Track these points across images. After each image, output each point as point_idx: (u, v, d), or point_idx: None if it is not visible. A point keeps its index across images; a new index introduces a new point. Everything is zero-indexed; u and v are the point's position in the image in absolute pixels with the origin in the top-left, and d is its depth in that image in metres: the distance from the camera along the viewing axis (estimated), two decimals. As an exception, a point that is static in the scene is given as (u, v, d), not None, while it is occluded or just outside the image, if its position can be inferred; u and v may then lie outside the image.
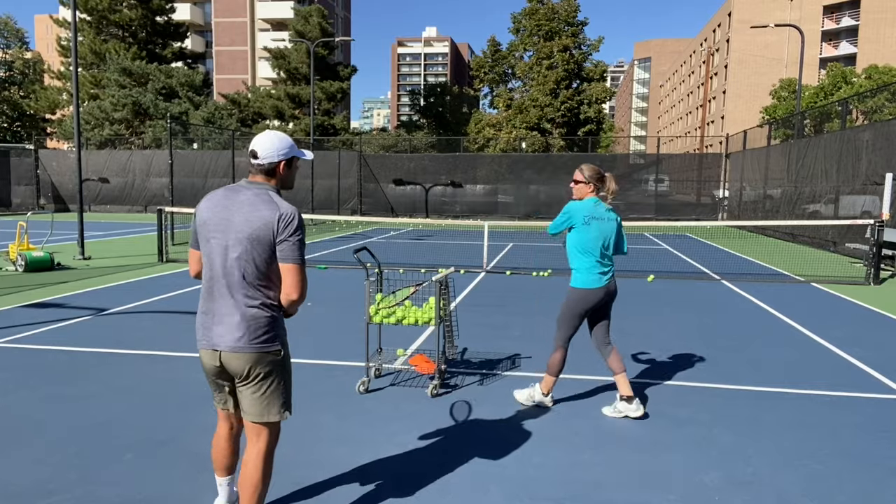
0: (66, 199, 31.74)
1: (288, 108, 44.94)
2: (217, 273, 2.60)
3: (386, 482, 3.48)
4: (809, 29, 53.72)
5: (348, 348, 6.18)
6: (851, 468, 3.74)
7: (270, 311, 2.63)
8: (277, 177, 2.67)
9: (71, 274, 10.85)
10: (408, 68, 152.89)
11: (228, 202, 2.60)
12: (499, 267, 12.50)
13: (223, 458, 2.94)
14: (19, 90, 45.23)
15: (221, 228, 2.57)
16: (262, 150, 2.62)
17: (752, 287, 10.46)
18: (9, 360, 5.71)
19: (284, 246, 2.53)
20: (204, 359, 2.70)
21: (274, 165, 2.64)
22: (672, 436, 4.20)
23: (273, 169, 2.65)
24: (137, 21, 41.74)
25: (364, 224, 24.24)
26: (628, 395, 4.43)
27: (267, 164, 2.63)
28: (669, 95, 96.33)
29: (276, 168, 2.65)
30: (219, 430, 2.94)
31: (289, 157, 2.68)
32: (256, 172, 2.66)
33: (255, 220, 2.53)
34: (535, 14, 41.66)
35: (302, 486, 3.42)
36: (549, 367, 4.51)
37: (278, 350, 2.67)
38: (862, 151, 14.96)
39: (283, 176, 2.69)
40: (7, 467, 3.58)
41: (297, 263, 2.56)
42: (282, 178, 2.69)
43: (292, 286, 2.57)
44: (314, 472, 3.57)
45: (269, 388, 2.67)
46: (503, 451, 3.90)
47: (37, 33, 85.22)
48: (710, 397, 4.96)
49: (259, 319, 2.60)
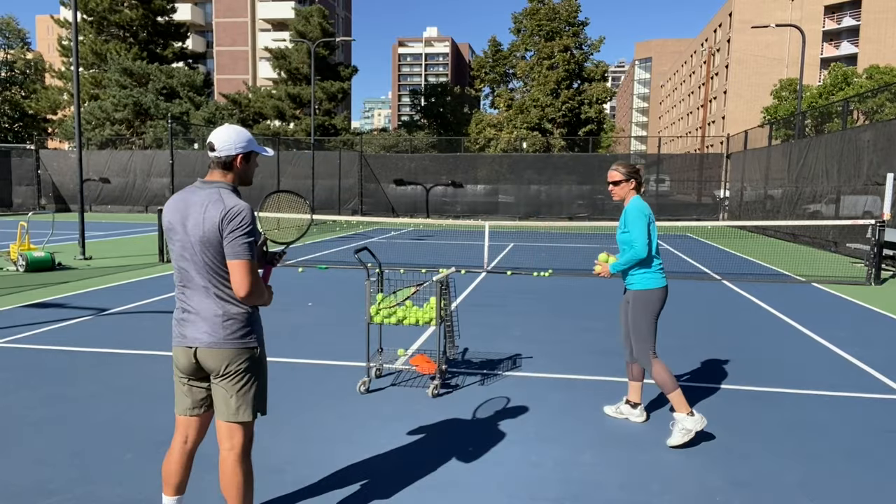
0: (67, 199, 31.75)
1: (289, 108, 44.95)
2: (186, 274, 2.61)
3: (386, 482, 3.47)
4: (810, 29, 53.67)
5: (349, 348, 6.18)
6: (852, 468, 3.74)
7: (244, 308, 2.62)
8: (234, 171, 2.63)
9: (72, 274, 10.86)
10: (409, 68, 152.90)
11: (184, 205, 2.59)
12: (499, 267, 12.50)
13: (174, 474, 2.80)
14: (21, 90, 45.29)
15: (180, 231, 2.57)
16: (220, 143, 2.58)
17: (753, 287, 10.46)
18: (10, 360, 5.71)
19: (228, 242, 2.50)
20: (178, 357, 2.67)
21: (231, 159, 2.60)
22: (672, 436, 4.19)
23: (230, 162, 2.61)
24: (138, 21, 41.76)
25: (365, 224, 24.24)
26: (637, 402, 4.39)
27: (224, 157, 2.59)
28: (670, 95, 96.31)
29: (232, 161, 2.61)
30: (174, 444, 2.81)
31: (246, 151, 2.63)
32: (214, 167, 2.63)
33: (205, 221, 2.51)
34: (536, 14, 41.67)
35: (303, 485, 3.42)
36: (667, 385, 3.98)
37: (255, 347, 2.66)
38: (863, 151, 14.95)
39: (240, 171, 2.64)
40: (8, 467, 3.58)
41: (241, 259, 2.50)
42: (239, 173, 2.65)
43: (238, 284, 2.51)
44: (315, 472, 3.57)
45: (244, 386, 2.65)
46: (504, 451, 3.90)
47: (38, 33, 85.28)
48: (710, 397, 4.96)
49: (233, 316, 2.59)
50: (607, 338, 6.89)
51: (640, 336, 4.07)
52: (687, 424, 3.89)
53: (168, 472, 2.80)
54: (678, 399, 3.95)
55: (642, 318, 4.05)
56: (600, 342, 6.70)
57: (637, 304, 4.07)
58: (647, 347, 4.05)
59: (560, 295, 9.64)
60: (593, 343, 6.66)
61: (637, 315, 4.07)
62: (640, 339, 4.07)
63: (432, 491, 3.39)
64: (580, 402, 4.83)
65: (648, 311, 4.05)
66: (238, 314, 2.60)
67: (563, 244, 18.11)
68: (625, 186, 4.13)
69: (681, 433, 3.88)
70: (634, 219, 3.98)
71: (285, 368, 5.55)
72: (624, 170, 4.13)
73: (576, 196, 30.29)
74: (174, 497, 2.84)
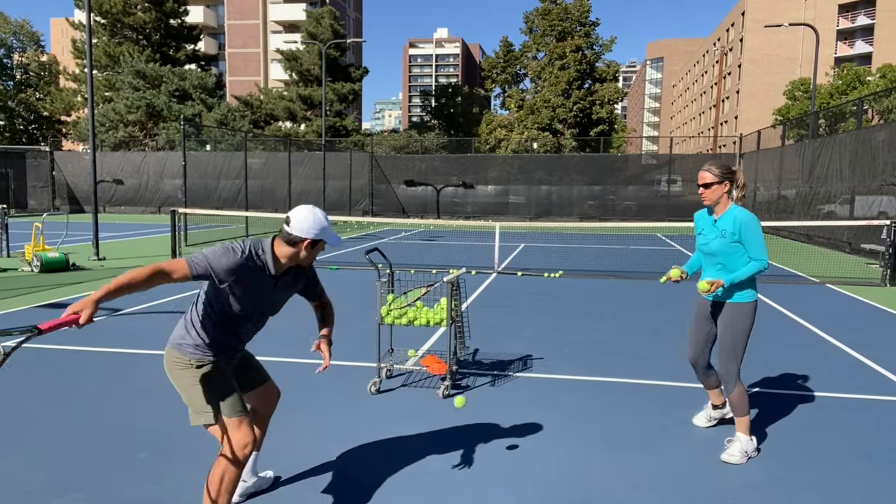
0: (81, 200, 32.04)
1: (300, 109, 45.15)
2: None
3: (396, 482, 3.48)
4: (824, 28, 53.22)
5: (360, 349, 6.19)
6: (866, 470, 3.70)
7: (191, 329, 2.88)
8: (297, 250, 2.78)
9: (86, 274, 10.95)
10: (419, 69, 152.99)
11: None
12: (510, 268, 12.49)
13: None
14: (35, 92, 45.78)
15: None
16: (295, 222, 2.74)
17: (767, 288, 10.38)
18: (24, 359, 5.77)
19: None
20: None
21: (298, 240, 2.75)
22: (684, 437, 4.17)
23: (297, 242, 2.75)
24: (151, 24, 42.11)
25: (375, 225, 24.28)
26: (721, 402, 4.30)
27: (294, 237, 2.74)
28: (682, 95, 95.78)
29: (299, 243, 2.76)
30: None
31: (315, 239, 2.77)
32: (282, 238, 2.78)
33: None
34: (549, 14, 41.60)
35: (313, 484, 3.43)
36: (744, 407, 3.84)
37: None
38: (878, 152, 14.81)
39: (300, 252, 2.79)
40: (22, 466, 3.62)
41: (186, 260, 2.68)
42: (298, 254, 2.79)
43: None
44: (325, 471, 3.58)
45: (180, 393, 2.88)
46: (514, 452, 3.89)
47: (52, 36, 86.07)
48: (723, 399, 4.92)
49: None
50: (618, 339, 6.87)
51: (735, 352, 3.81)
52: (749, 448, 3.82)
53: None
54: (747, 422, 3.87)
55: (742, 333, 3.80)
56: (611, 343, 6.68)
57: (738, 318, 3.79)
58: (737, 365, 3.83)
59: (570, 296, 9.62)
60: (604, 344, 6.64)
61: (737, 330, 3.79)
62: (734, 356, 3.81)
63: (442, 491, 3.39)
64: (591, 403, 4.81)
65: (745, 326, 3.79)
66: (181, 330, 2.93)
67: (573, 245, 18.06)
68: (717, 189, 3.76)
69: (742, 454, 3.79)
70: (753, 230, 3.70)
71: (296, 369, 5.58)
72: (718, 170, 3.75)
73: (587, 197, 30.20)
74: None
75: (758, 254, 3.69)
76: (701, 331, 4.05)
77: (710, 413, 4.32)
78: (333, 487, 3.42)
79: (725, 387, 3.89)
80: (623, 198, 30.15)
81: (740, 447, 3.80)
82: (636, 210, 29.83)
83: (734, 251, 3.75)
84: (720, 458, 3.83)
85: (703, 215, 3.98)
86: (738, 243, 3.73)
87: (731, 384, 3.84)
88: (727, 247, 3.75)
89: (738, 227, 3.71)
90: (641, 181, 30.57)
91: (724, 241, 3.75)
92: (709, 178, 3.76)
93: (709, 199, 3.80)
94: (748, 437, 3.84)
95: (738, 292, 3.80)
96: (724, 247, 3.76)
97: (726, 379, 3.85)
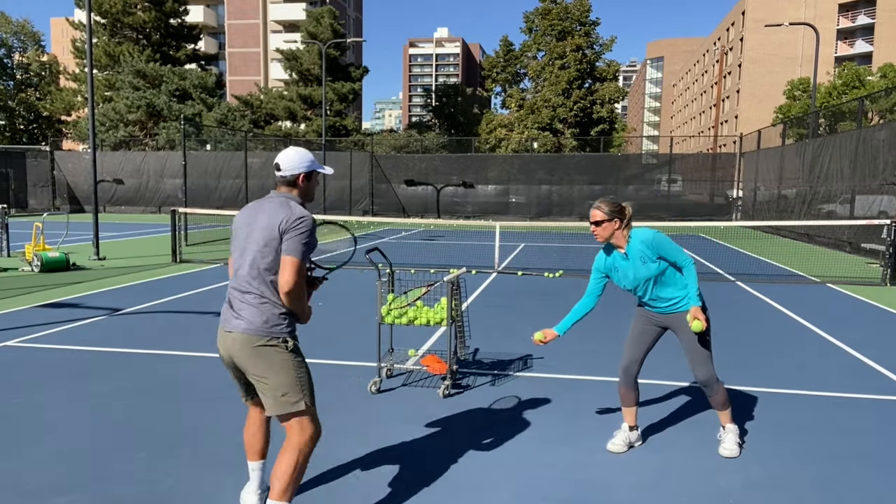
0: (82, 200, 32.04)
1: (300, 109, 45.13)
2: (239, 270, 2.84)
3: (397, 482, 3.48)
4: (824, 27, 53.21)
5: (360, 348, 6.19)
6: (867, 470, 3.70)
7: (281, 308, 2.79)
8: (298, 188, 2.93)
9: (86, 274, 10.95)
10: (419, 69, 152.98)
11: (257, 207, 2.91)
12: (510, 267, 12.49)
13: (254, 441, 3.12)
14: (35, 92, 45.78)
15: (246, 230, 2.86)
16: (285, 163, 2.90)
17: (767, 288, 10.38)
18: (24, 359, 5.77)
19: (288, 239, 2.72)
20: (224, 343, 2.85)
21: (294, 177, 2.90)
22: (685, 437, 4.17)
23: (294, 180, 2.91)
24: (151, 23, 42.10)
25: (376, 224, 24.29)
26: (636, 425, 4.12)
27: (289, 176, 2.90)
28: (682, 95, 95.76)
29: (296, 180, 2.91)
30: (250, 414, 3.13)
31: (308, 171, 2.92)
32: (280, 184, 2.93)
33: (274, 219, 2.77)
34: (549, 14, 41.58)
35: (313, 484, 3.43)
36: (726, 404, 3.91)
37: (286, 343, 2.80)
38: (878, 151, 14.81)
39: (302, 188, 2.93)
40: (23, 465, 3.62)
41: (295, 257, 2.70)
42: (302, 190, 2.93)
43: (285, 280, 2.70)
44: (325, 471, 3.58)
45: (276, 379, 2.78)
46: (515, 452, 3.89)
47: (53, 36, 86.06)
48: (723, 399, 4.92)
49: (273, 312, 2.77)
50: (618, 338, 6.85)
51: (709, 358, 3.82)
52: (736, 434, 3.95)
53: (247, 441, 3.13)
54: (730, 412, 3.96)
55: (706, 339, 3.82)
56: (611, 343, 6.67)
57: (705, 321, 3.75)
58: (712, 368, 3.84)
59: (571, 295, 9.61)
60: (605, 344, 6.64)
61: (701, 337, 3.80)
62: (709, 361, 3.81)
63: (443, 491, 3.39)
64: (592, 402, 4.81)
65: (707, 328, 3.77)
66: (276, 313, 2.80)
67: (573, 244, 18.06)
68: (608, 227, 3.76)
69: (737, 445, 3.91)
70: (665, 242, 3.75)
71: (297, 368, 5.57)
72: (607, 208, 3.76)
73: (587, 196, 30.18)
74: (258, 462, 3.13)
75: (682, 259, 3.78)
76: (643, 339, 4.01)
77: (627, 435, 4.02)
78: (334, 487, 3.42)
79: (709, 391, 3.89)
80: (623, 197, 30.07)
81: (734, 438, 3.94)
82: (636, 210, 29.60)
83: (661, 267, 3.79)
84: (720, 453, 3.88)
85: (607, 256, 3.93)
86: (660, 260, 3.77)
87: (714, 386, 3.86)
88: (656, 268, 3.77)
89: (651, 246, 3.74)
90: (642, 181, 30.57)
91: (651, 265, 3.76)
92: (598, 216, 3.76)
93: (601, 237, 3.80)
94: (734, 424, 3.99)
95: (684, 300, 3.82)
96: (654, 270, 3.77)
97: (710, 383, 3.85)
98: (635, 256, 3.79)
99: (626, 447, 3.99)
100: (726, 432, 3.95)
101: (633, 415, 4.04)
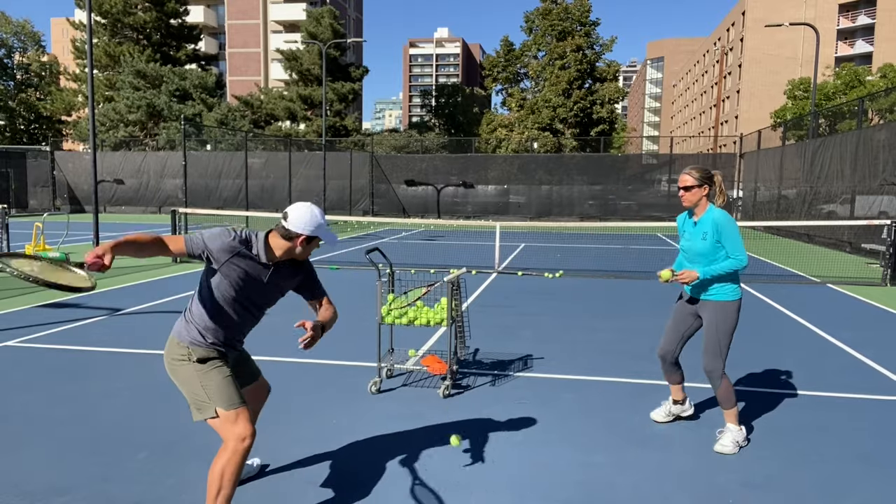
0: (82, 200, 32.05)
1: (300, 109, 45.14)
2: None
3: (397, 482, 3.48)
4: (825, 27, 53.21)
5: (360, 349, 6.19)
6: (865, 470, 3.70)
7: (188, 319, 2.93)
8: (293, 244, 2.83)
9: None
10: (419, 69, 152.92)
11: None
12: (510, 268, 12.48)
13: None
14: (36, 92, 45.79)
15: None
16: (292, 217, 2.79)
17: (767, 288, 10.38)
18: (24, 359, 5.78)
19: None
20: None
21: (294, 235, 2.81)
22: (685, 437, 4.17)
23: (293, 237, 2.82)
24: (151, 24, 42.13)
25: (376, 225, 24.29)
26: (682, 398, 4.38)
27: (292, 231, 2.80)
28: (682, 95, 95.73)
29: (295, 238, 2.82)
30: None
31: (311, 236, 2.83)
32: (278, 231, 2.83)
33: None
34: (549, 14, 41.57)
35: (312, 483, 3.43)
36: (731, 401, 3.95)
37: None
38: (878, 151, 14.80)
39: (296, 248, 2.84)
40: (21, 466, 3.62)
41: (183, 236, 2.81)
42: (295, 247, 2.84)
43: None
44: (324, 471, 3.58)
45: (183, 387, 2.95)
46: (515, 452, 3.89)
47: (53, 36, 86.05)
48: (723, 399, 4.92)
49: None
50: (619, 339, 6.87)
51: (721, 350, 3.90)
52: (739, 438, 3.95)
53: None
54: (735, 413, 3.99)
55: (727, 332, 3.88)
56: (612, 343, 6.68)
57: (719, 317, 3.88)
58: (723, 361, 3.91)
59: (571, 296, 9.62)
60: (605, 344, 6.64)
61: (722, 328, 3.88)
62: (720, 354, 3.90)
63: (443, 491, 3.39)
64: (592, 402, 4.81)
65: (730, 324, 3.87)
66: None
67: (574, 245, 18.06)
68: (696, 192, 3.85)
69: (733, 444, 3.93)
70: (731, 230, 3.79)
71: (296, 369, 5.58)
72: (697, 174, 3.86)
73: (587, 196, 30.20)
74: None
75: (735, 252, 3.81)
76: (680, 327, 4.16)
77: (669, 408, 4.37)
78: (334, 487, 3.42)
79: (713, 383, 3.98)
80: (623, 197, 30.16)
81: (731, 437, 3.95)
82: (637, 210, 29.83)
83: (717, 252, 3.86)
84: (714, 449, 3.93)
85: (685, 218, 4.10)
86: (719, 244, 3.84)
87: (717, 380, 3.95)
88: (710, 248, 3.86)
89: (717, 228, 3.83)
90: (642, 181, 30.56)
91: (705, 243, 3.87)
92: (689, 182, 3.87)
93: (688, 202, 3.91)
94: (738, 427, 3.98)
95: (722, 290, 3.89)
96: (707, 248, 3.87)
97: (713, 376, 3.95)
98: (701, 228, 3.91)
99: (669, 417, 4.35)
100: (726, 431, 3.99)
101: (677, 390, 4.30)
